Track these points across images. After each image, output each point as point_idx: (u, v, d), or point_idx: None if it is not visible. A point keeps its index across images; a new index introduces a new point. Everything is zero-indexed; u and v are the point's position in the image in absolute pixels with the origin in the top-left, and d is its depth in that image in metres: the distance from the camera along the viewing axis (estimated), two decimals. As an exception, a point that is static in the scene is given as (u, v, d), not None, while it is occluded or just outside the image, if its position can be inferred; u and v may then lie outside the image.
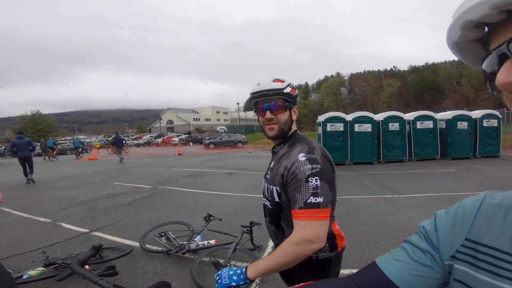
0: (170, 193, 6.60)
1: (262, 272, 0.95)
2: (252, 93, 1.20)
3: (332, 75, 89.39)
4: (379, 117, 11.12)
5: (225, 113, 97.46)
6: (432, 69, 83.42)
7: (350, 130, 10.60)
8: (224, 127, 58.84)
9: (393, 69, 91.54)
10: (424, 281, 0.47)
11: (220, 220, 3.62)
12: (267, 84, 1.18)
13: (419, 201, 5.15)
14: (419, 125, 11.00)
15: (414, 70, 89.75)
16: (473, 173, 7.88)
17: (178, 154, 19.02)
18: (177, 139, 33.47)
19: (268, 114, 1.16)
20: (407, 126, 10.98)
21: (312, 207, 0.95)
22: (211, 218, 3.41)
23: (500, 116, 11.44)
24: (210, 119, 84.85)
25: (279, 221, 1.17)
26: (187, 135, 38.10)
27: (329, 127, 10.57)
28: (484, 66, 0.38)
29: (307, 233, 0.94)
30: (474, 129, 11.01)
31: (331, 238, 1.14)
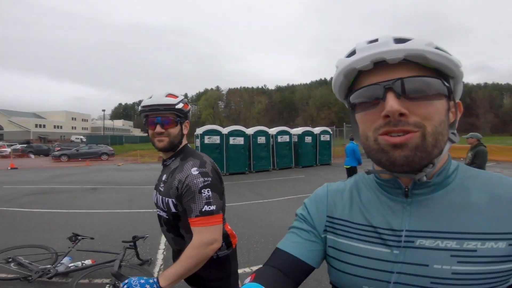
0: (5, 216, 5.20)
1: (173, 279, 1.01)
2: (143, 106, 1.20)
3: (212, 89, 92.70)
4: (250, 131, 12.56)
5: (84, 120, 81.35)
6: (291, 89, 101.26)
7: (226, 143, 11.43)
8: (82, 137, 49.85)
9: (264, 87, 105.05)
10: (316, 253, 0.60)
11: (92, 238, 3.20)
12: (159, 98, 1.18)
13: (282, 203, 6.27)
14: (279, 139, 13.17)
15: (279, 89, 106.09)
16: (316, 177, 10.22)
17: (12, 168, 14.51)
18: (8, 149, 25.24)
19: (159, 128, 1.17)
20: (271, 139, 12.93)
21: (207, 214, 1.10)
22: (78, 237, 3.01)
23: (331, 132, 15.40)
24: (62, 127, 68.75)
25: (178, 229, 1.24)
26: (25, 145, 29.62)
27: (206, 140, 11.00)
28: (351, 98, 0.54)
29: (205, 236, 1.08)
30: (316, 143, 14.25)
31: (226, 237, 1.30)
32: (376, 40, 0.49)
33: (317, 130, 14.71)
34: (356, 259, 0.55)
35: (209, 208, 1.10)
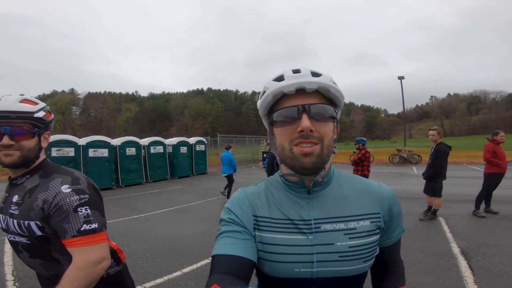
0: None
1: None
2: None
3: (64, 91, 75.29)
4: (117, 141, 11.18)
5: None
6: (166, 98, 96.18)
7: (84, 156, 9.70)
8: None
9: (135, 94, 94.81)
10: (253, 249, 0.65)
11: None
12: (10, 104, 0.99)
13: (163, 216, 6.03)
14: (152, 150, 12.42)
15: (152, 97, 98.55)
16: (194, 187, 10.29)
17: None
18: None
19: (6, 140, 0.97)
20: (143, 150, 12.00)
21: (88, 233, 1.00)
22: None
23: (206, 142, 15.91)
24: None
25: (48, 252, 1.06)
26: None
27: (55, 153, 8.95)
28: (275, 116, 0.66)
29: (91, 256, 0.99)
30: (191, 153, 14.33)
31: (113, 253, 1.21)
32: (298, 71, 0.65)
33: (192, 140, 14.82)
34: (283, 249, 0.66)
35: (90, 226, 1.02)
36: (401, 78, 20.82)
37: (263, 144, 23.35)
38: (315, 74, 0.64)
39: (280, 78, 0.66)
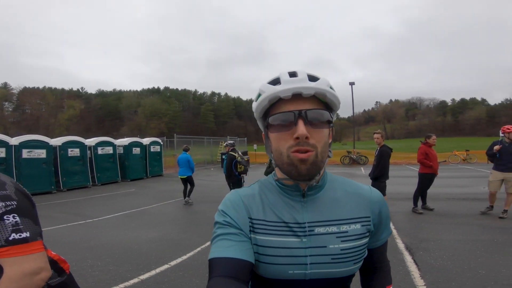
0: None
1: None
2: None
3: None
4: (57, 141, 10.05)
5: None
6: (117, 96, 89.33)
7: (16, 157, 8.49)
8: None
9: (80, 90, 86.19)
10: (251, 251, 0.64)
11: None
12: None
13: (114, 221, 5.54)
14: (100, 151, 11.41)
15: (101, 94, 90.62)
16: (148, 190, 9.69)
17: None
18: None
19: None
20: (89, 151, 10.95)
21: (19, 243, 0.91)
22: None
23: (162, 143, 15.17)
24: None
25: None
26: None
27: (-23, 154, 7.67)
28: (271, 120, 0.65)
29: (25, 267, 0.90)
30: (145, 154, 13.53)
31: (53, 263, 1.10)
32: (295, 74, 0.64)
33: (146, 140, 14.02)
34: (277, 251, 0.65)
35: (20, 235, 0.92)
36: (352, 84, 22.48)
37: (221, 146, 23.15)
38: (312, 78, 0.64)
39: (276, 81, 0.65)
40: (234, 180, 6.31)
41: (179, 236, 4.51)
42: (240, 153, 6.64)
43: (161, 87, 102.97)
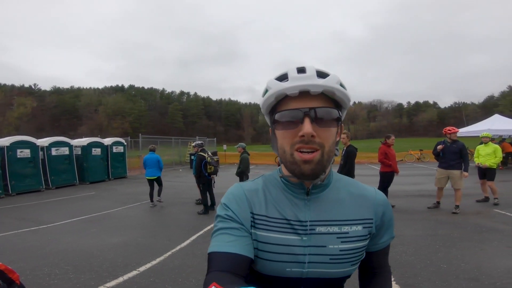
0: None
1: None
2: None
3: None
4: (4, 142, 9.01)
5: None
6: (75, 93, 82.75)
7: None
8: None
9: (33, 87, 78.60)
10: (251, 246, 0.63)
11: None
12: None
13: (73, 226, 5.10)
14: (54, 152, 10.43)
15: (56, 91, 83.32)
16: (111, 193, 9.06)
17: None
18: None
19: None
20: (41, 152, 9.97)
21: None
22: None
23: (126, 144, 14.34)
24: None
25: None
26: None
27: None
28: (277, 116, 0.64)
29: None
30: (107, 155, 12.67)
31: (1, 275, 0.98)
32: (303, 70, 0.62)
33: (108, 140, 13.13)
34: (277, 248, 0.65)
35: None
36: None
37: (190, 146, 22.59)
38: (321, 75, 0.62)
39: (283, 77, 0.63)
40: (204, 181, 6.16)
41: (147, 241, 4.26)
42: (209, 153, 6.50)
43: (126, 85, 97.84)
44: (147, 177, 6.99)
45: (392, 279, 2.89)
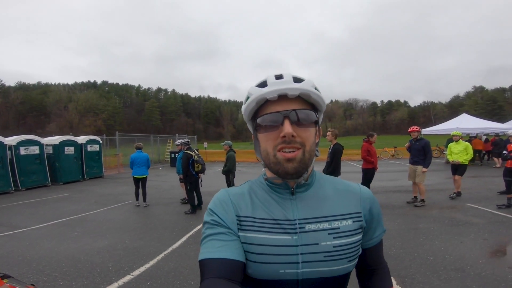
0: None
1: None
2: None
3: None
4: (-36, 140, 8.24)
5: None
6: (43, 89, 77.68)
7: None
8: None
9: None
10: (241, 249, 0.63)
11: None
12: None
13: (50, 230, 4.82)
14: (23, 151, 9.72)
15: (22, 87, 77.81)
16: (87, 194, 8.59)
17: None
18: None
19: None
20: (9, 152, 9.25)
21: None
22: None
23: (101, 142, 13.67)
24: None
25: None
26: None
27: None
28: (259, 121, 0.66)
29: None
30: (81, 154, 12.01)
31: None
32: (281, 77, 0.65)
33: (82, 139, 12.44)
34: (267, 249, 0.64)
35: None
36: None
37: (169, 144, 22.04)
38: (297, 80, 0.65)
39: (263, 84, 0.66)
40: (192, 180, 6.03)
41: (135, 244, 4.09)
42: (196, 151, 6.37)
43: (98, 81, 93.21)
44: (136, 176, 6.70)
45: (386, 272, 3.04)
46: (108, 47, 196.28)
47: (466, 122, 14.43)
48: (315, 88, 0.67)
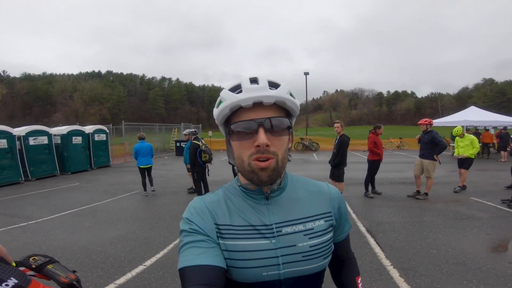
0: None
1: None
2: None
3: None
4: (-25, 131, 8.40)
5: None
6: (48, 79, 78.23)
7: None
8: None
9: (2, 74, 73.65)
10: (221, 256, 0.64)
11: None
12: None
13: (63, 221, 4.92)
14: (32, 141, 9.89)
15: (27, 78, 78.46)
16: (96, 183, 8.78)
17: None
18: None
19: None
20: (18, 142, 9.43)
21: None
22: None
23: (108, 131, 13.82)
24: None
25: None
26: None
27: None
28: (233, 127, 0.66)
29: None
30: (88, 143, 12.18)
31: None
32: (256, 81, 0.64)
33: (89, 128, 12.58)
34: (248, 255, 0.66)
35: None
36: (306, 73, 23.43)
37: (174, 133, 22.17)
38: (272, 85, 0.65)
39: (237, 88, 0.65)
40: (199, 169, 6.12)
41: (146, 234, 4.23)
42: (203, 141, 6.44)
43: (103, 71, 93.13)
44: (141, 166, 6.93)
45: (390, 263, 3.11)
46: (112, 37, 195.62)
47: (474, 115, 14.23)
48: (291, 94, 0.66)
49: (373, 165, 6.36)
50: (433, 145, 5.73)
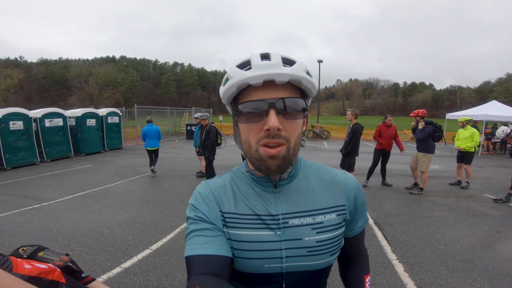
0: None
1: None
2: None
3: None
4: (-5, 113, 8.68)
5: None
6: (64, 64, 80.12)
7: None
8: None
9: (18, 59, 76.12)
10: (227, 245, 0.63)
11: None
12: None
13: (75, 202, 5.08)
14: (48, 123, 10.16)
15: (44, 63, 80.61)
16: (108, 165, 9.00)
17: None
18: None
19: None
20: (34, 124, 9.70)
21: None
22: None
23: (120, 114, 14.04)
24: None
25: None
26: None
27: None
28: (241, 107, 0.59)
29: None
30: (101, 126, 12.43)
31: (36, 281, 0.92)
32: (267, 57, 0.58)
33: (103, 111, 12.80)
34: (251, 245, 0.63)
35: None
36: (320, 61, 22.89)
37: (185, 117, 22.34)
38: (286, 62, 0.57)
39: (246, 65, 0.58)
40: (213, 152, 6.19)
41: (153, 217, 4.32)
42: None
43: (117, 56, 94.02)
44: (148, 148, 7.20)
45: (395, 257, 3.07)
46: (126, 23, 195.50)
47: (495, 110, 13.57)
48: (307, 73, 0.59)
49: (375, 154, 6.39)
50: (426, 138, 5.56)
